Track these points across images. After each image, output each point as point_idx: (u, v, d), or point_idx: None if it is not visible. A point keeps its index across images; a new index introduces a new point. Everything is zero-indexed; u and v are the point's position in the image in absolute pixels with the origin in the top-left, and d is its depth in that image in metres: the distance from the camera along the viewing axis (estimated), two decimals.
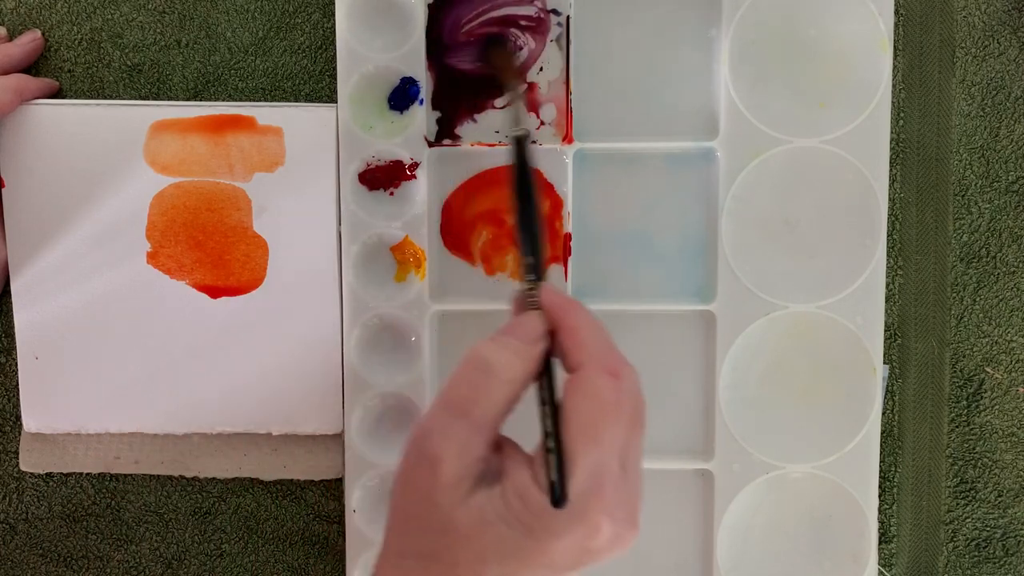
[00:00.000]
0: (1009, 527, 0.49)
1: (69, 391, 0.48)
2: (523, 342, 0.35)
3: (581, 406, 0.33)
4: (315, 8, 0.48)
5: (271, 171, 0.47)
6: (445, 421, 0.33)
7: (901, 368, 0.48)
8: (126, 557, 0.50)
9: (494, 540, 0.32)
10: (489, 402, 0.33)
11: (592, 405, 0.33)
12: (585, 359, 0.34)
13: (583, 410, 0.33)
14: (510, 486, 0.33)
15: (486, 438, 0.33)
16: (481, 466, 0.33)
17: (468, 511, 0.32)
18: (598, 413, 0.33)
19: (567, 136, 0.47)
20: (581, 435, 0.33)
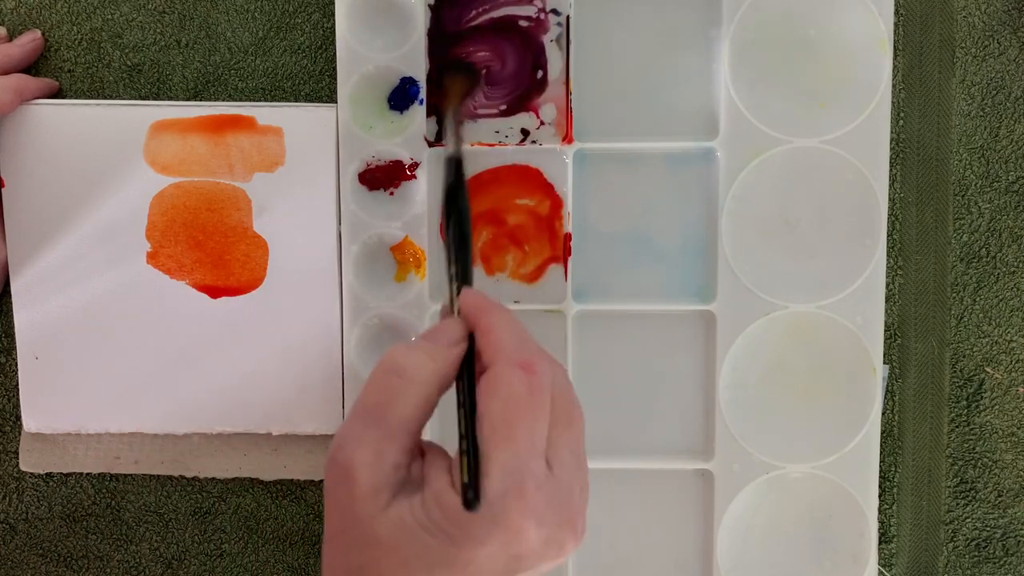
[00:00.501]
0: (1009, 527, 0.49)
1: (69, 391, 0.48)
2: (439, 344, 0.33)
3: (492, 403, 0.32)
4: (315, 8, 0.48)
5: (271, 171, 0.47)
6: (358, 429, 0.32)
7: (901, 368, 0.48)
8: (126, 557, 0.50)
9: (418, 550, 0.30)
10: (403, 407, 0.32)
11: (502, 401, 0.31)
12: (496, 355, 0.33)
13: (494, 407, 0.31)
14: (429, 493, 0.31)
15: (402, 444, 0.32)
16: (400, 474, 0.32)
17: (388, 521, 0.31)
18: (509, 409, 0.31)
19: (567, 136, 0.47)
20: (493, 434, 0.31)
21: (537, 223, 0.48)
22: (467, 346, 0.34)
